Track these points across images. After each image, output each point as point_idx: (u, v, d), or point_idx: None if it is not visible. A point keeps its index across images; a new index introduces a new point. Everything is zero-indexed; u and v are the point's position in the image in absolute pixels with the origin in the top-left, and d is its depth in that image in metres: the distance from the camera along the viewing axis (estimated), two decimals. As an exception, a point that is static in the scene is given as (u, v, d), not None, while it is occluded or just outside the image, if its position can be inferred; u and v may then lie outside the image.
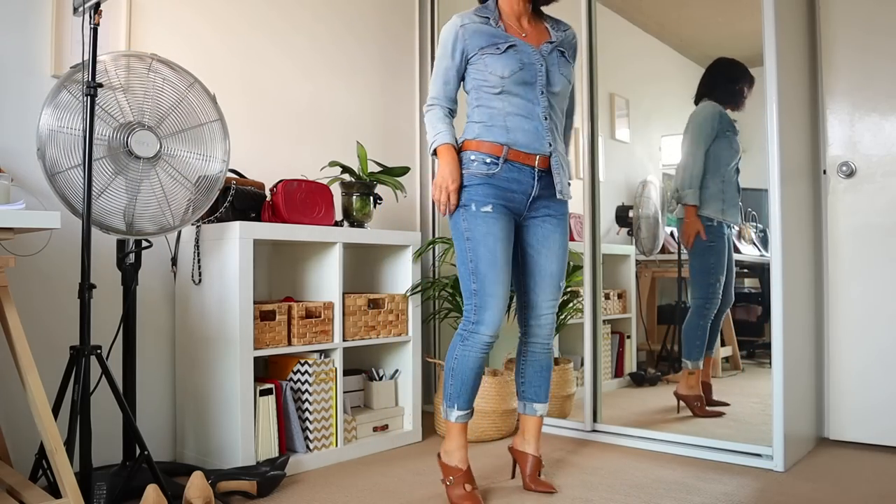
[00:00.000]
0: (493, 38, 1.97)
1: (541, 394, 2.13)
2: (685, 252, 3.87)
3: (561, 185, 2.01)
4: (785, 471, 2.28)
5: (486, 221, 1.93)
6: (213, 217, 2.32)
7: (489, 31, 1.97)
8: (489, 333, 1.94)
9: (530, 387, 2.13)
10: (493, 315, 1.93)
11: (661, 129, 4.13)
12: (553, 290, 2.08)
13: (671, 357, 3.81)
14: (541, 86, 1.98)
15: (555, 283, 2.07)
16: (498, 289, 1.93)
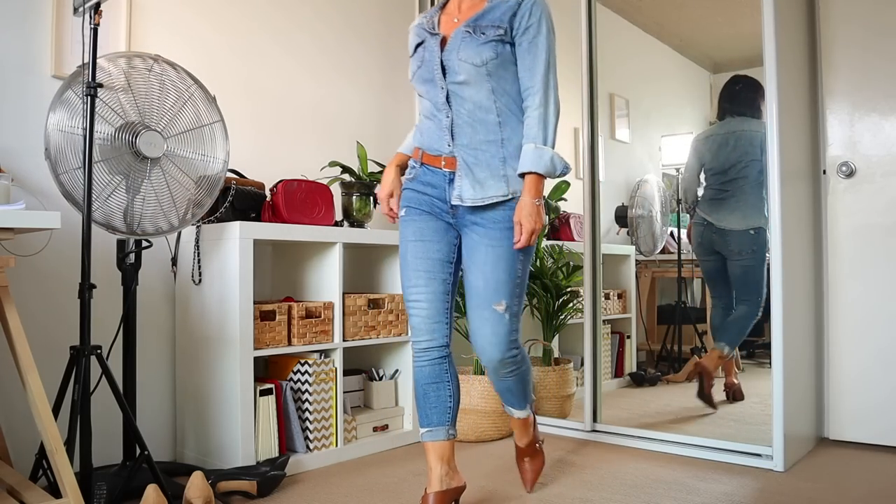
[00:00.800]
0: (417, 36, 1.83)
1: (513, 401, 1.97)
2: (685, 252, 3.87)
3: (460, 190, 1.75)
4: (785, 471, 2.28)
5: (403, 225, 1.85)
6: (213, 217, 2.32)
7: (421, 28, 1.83)
8: (419, 340, 1.80)
9: (499, 395, 1.99)
10: (417, 321, 1.80)
11: (661, 129, 4.14)
12: (480, 309, 1.77)
13: (671, 357, 3.82)
14: (438, 80, 1.75)
15: (480, 300, 1.76)
16: (415, 292, 1.79)
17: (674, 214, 3.97)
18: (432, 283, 1.79)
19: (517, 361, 1.83)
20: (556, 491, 2.12)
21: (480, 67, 1.70)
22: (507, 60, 1.73)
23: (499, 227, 1.75)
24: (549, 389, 2.97)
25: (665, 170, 4.06)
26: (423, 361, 1.82)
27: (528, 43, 1.71)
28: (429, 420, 1.82)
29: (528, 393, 1.97)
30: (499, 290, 1.74)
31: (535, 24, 1.70)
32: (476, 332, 1.78)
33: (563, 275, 3.05)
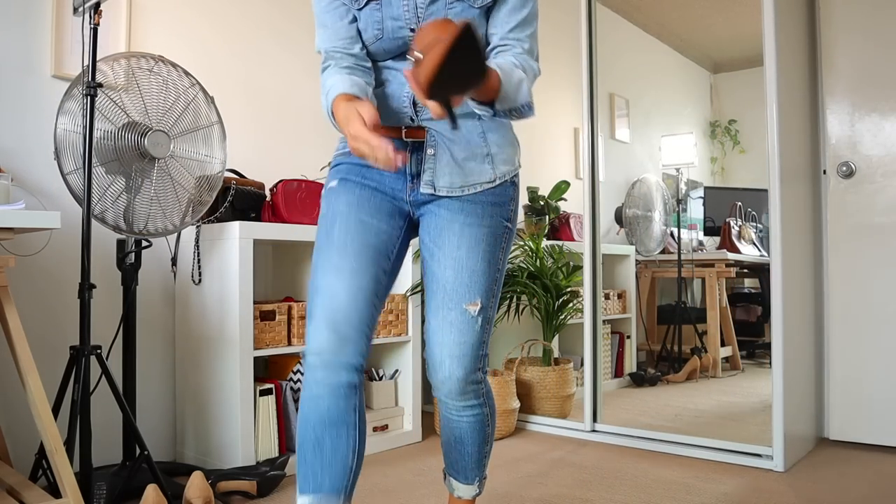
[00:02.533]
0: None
1: (459, 469, 1.46)
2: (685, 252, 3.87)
3: (433, 175, 1.31)
4: (785, 471, 2.28)
5: (331, 197, 1.31)
6: (213, 217, 2.32)
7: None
8: (316, 351, 1.20)
9: (446, 457, 1.48)
10: (324, 322, 1.20)
11: (661, 129, 4.14)
12: (445, 310, 1.30)
13: (671, 357, 3.82)
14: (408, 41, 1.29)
15: (448, 297, 1.30)
16: (333, 280, 1.23)
17: (674, 214, 3.97)
18: (360, 275, 1.24)
19: (479, 394, 1.37)
20: (556, 491, 2.12)
21: None
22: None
23: (481, 202, 1.32)
24: (548, 389, 2.97)
25: (665, 170, 4.06)
26: (322, 388, 1.19)
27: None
28: (316, 483, 1.18)
29: (484, 457, 1.46)
30: (474, 283, 1.30)
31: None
32: (435, 339, 1.31)
33: (563, 275, 3.05)
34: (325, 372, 1.19)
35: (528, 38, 1.30)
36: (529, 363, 3.05)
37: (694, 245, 4.03)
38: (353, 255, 1.25)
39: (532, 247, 3.08)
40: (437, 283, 1.31)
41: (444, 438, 1.45)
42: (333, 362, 1.19)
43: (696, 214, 4.06)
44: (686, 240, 3.95)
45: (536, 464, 2.42)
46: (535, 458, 2.51)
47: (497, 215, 1.33)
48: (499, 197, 1.33)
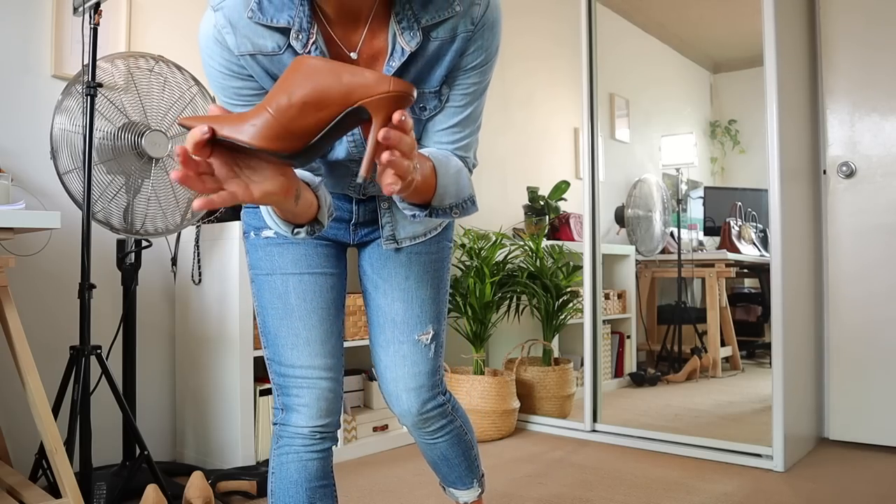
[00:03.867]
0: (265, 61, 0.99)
1: (453, 480, 1.43)
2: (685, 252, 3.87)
3: (393, 228, 1.20)
4: (785, 471, 2.28)
5: (267, 253, 1.18)
6: (213, 217, 2.32)
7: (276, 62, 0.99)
8: (306, 424, 1.16)
9: (436, 472, 1.45)
10: (306, 397, 1.16)
11: (661, 129, 4.14)
12: (396, 343, 1.23)
13: (671, 357, 3.82)
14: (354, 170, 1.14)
15: (398, 331, 1.23)
16: (301, 354, 1.16)
17: (674, 214, 3.97)
18: (328, 341, 1.18)
19: (446, 413, 1.31)
20: (556, 491, 2.12)
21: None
22: None
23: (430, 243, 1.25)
24: (549, 389, 2.97)
25: (665, 170, 4.06)
26: (311, 452, 1.18)
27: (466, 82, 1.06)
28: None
29: (474, 461, 1.42)
30: (424, 313, 1.23)
31: (484, 60, 1.05)
32: (388, 373, 1.25)
33: (563, 275, 3.05)
34: (314, 439, 1.18)
35: (472, 134, 1.12)
36: (529, 363, 3.05)
37: (694, 245, 4.03)
38: (317, 321, 1.18)
39: (532, 247, 3.08)
40: (386, 317, 1.24)
41: (428, 459, 1.41)
42: (325, 430, 1.18)
43: (696, 214, 4.06)
44: (686, 240, 3.95)
45: (536, 464, 2.42)
46: (535, 458, 2.51)
47: (442, 239, 1.27)
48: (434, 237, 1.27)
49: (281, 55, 0.96)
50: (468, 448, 1.39)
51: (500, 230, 3.27)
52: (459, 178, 1.05)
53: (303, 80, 0.78)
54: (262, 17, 0.93)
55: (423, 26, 0.97)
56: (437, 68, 1.03)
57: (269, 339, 1.19)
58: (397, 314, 1.23)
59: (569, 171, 4.05)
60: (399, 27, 0.96)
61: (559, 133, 4.03)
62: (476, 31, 1.01)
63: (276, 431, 1.20)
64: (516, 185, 3.62)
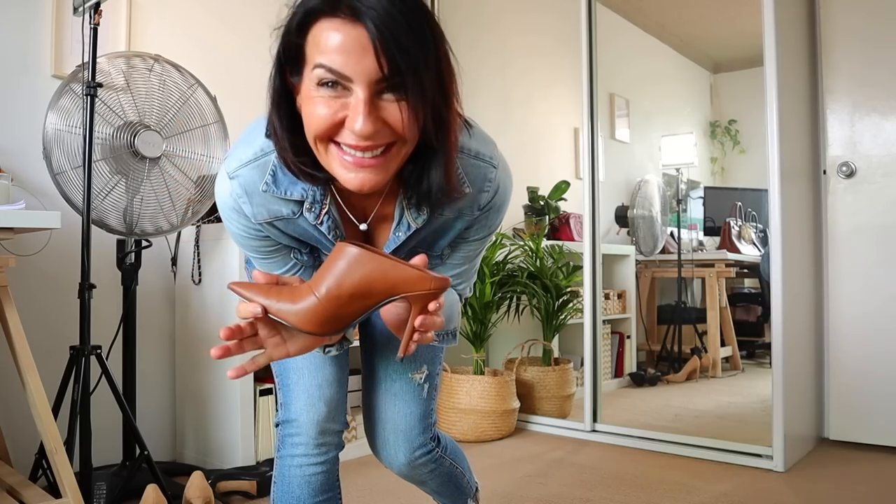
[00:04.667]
0: (303, 242, 1.06)
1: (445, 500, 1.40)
2: (685, 252, 3.87)
3: None
4: (785, 471, 2.28)
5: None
6: (213, 217, 2.32)
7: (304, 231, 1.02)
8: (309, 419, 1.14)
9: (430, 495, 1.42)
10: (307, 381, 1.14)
11: (661, 129, 4.14)
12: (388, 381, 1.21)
13: (671, 357, 3.82)
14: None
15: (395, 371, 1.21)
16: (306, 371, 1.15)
17: (674, 214, 3.97)
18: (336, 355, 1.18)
19: (435, 458, 1.25)
20: (556, 491, 2.12)
21: None
22: None
23: None
24: (549, 389, 2.97)
25: (665, 170, 4.06)
26: (313, 463, 1.14)
27: (471, 245, 1.10)
28: None
29: (465, 486, 1.38)
30: (420, 351, 1.19)
31: (489, 232, 1.10)
32: (377, 415, 1.22)
33: (563, 275, 3.05)
34: (318, 447, 1.15)
35: (473, 273, 1.16)
36: (529, 363, 3.05)
37: (694, 245, 4.03)
38: None
39: (532, 247, 3.08)
40: (379, 354, 1.22)
41: (431, 492, 1.37)
42: (327, 440, 1.15)
43: (696, 214, 4.06)
44: (686, 240, 3.95)
45: (536, 464, 2.42)
46: (535, 458, 2.50)
47: None
48: None
49: (297, 219, 0.98)
50: (459, 479, 1.34)
51: (500, 230, 3.27)
52: (452, 311, 1.08)
53: (350, 272, 0.82)
54: (276, 191, 0.94)
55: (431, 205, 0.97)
56: (441, 240, 1.05)
57: None
58: (391, 352, 1.19)
59: (569, 171, 4.05)
60: (408, 204, 0.97)
61: (559, 133, 4.03)
62: (482, 214, 1.03)
63: (279, 434, 1.16)
64: (516, 185, 3.61)
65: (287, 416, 1.15)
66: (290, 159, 0.89)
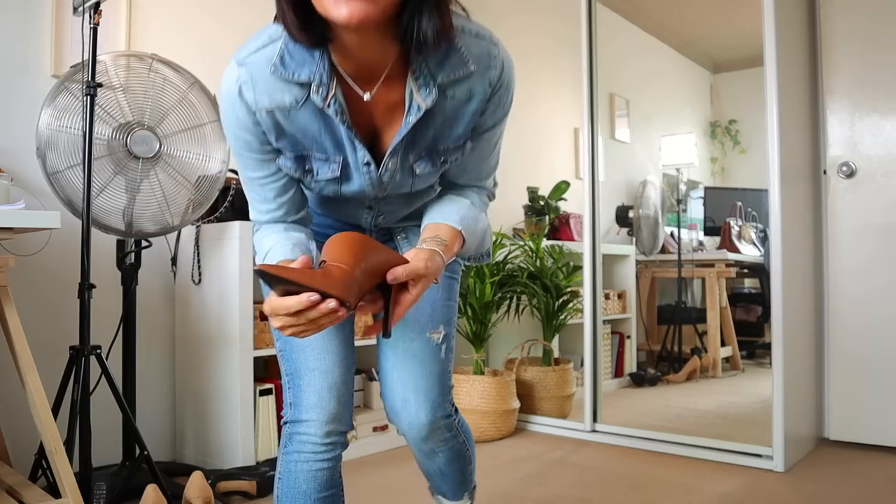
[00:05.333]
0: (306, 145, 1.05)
1: (445, 490, 1.39)
2: (685, 252, 3.87)
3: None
4: (785, 471, 2.28)
5: None
6: (213, 217, 2.31)
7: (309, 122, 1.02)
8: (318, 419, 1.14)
9: (428, 480, 1.42)
10: (316, 395, 1.14)
11: (661, 129, 4.14)
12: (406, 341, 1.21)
13: (671, 357, 3.82)
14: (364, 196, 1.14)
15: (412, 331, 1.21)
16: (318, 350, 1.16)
17: (673, 214, 3.97)
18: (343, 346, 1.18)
19: (452, 427, 1.28)
20: (556, 491, 2.12)
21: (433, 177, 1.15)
22: None
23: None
24: (549, 389, 2.97)
25: (665, 170, 4.06)
26: (320, 459, 1.15)
27: (485, 136, 1.11)
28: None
29: (469, 475, 1.38)
30: (436, 312, 1.20)
31: (502, 117, 1.11)
32: (396, 375, 1.21)
33: (563, 275, 3.05)
34: (326, 446, 1.15)
35: (493, 169, 1.19)
36: (529, 363, 3.05)
37: (694, 245, 4.03)
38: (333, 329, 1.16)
39: (532, 247, 3.08)
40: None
41: (422, 468, 1.37)
42: (334, 432, 1.15)
43: (696, 214, 4.06)
44: (686, 240, 3.95)
45: (536, 464, 2.42)
46: (535, 458, 2.51)
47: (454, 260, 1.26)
48: None
49: (298, 109, 0.99)
50: (466, 464, 1.36)
51: (500, 230, 3.27)
52: (484, 238, 1.16)
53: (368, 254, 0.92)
54: (284, 72, 0.96)
55: (440, 84, 0.99)
56: (456, 126, 1.05)
57: (290, 349, 1.18)
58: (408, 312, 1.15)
59: (569, 171, 4.05)
60: (416, 84, 0.98)
61: (559, 133, 4.03)
62: (494, 94, 1.04)
63: (285, 432, 1.17)
64: (516, 185, 3.62)
65: (297, 416, 1.15)
66: (290, 19, 0.91)
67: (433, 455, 1.31)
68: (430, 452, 1.30)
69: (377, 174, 1.07)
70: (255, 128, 1.01)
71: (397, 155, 1.05)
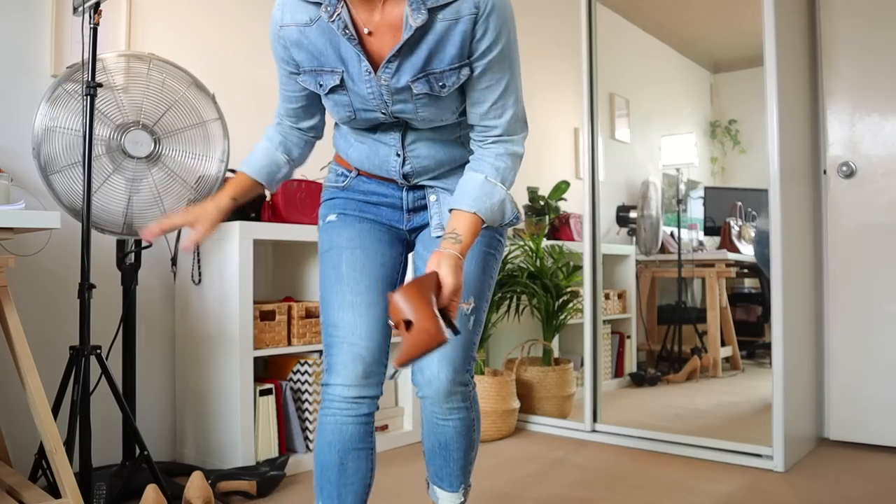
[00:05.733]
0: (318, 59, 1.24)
1: (443, 476, 1.43)
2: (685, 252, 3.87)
3: (440, 219, 1.35)
4: (785, 471, 2.28)
5: (330, 231, 1.38)
6: (213, 217, 2.31)
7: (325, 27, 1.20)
8: (343, 383, 1.26)
9: (429, 464, 1.45)
10: (347, 356, 1.26)
11: (661, 130, 4.14)
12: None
13: (671, 357, 3.82)
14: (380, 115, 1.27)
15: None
16: (346, 315, 1.28)
17: (673, 214, 3.97)
18: (374, 307, 1.30)
19: (466, 397, 1.37)
20: (556, 491, 2.12)
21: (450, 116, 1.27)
22: None
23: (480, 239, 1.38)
24: (549, 389, 2.97)
25: (665, 170, 4.06)
26: (347, 416, 1.27)
27: (485, 65, 1.20)
28: (340, 500, 1.28)
29: (469, 465, 1.44)
30: (468, 284, 1.32)
31: (495, 42, 1.19)
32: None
33: (563, 275, 3.05)
34: (351, 404, 1.27)
35: (510, 110, 1.26)
36: (529, 363, 3.05)
37: (694, 245, 4.03)
38: (364, 289, 1.31)
39: (532, 247, 3.08)
40: None
41: (428, 445, 1.43)
42: (359, 396, 1.27)
43: (696, 214, 4.06)
44: (686, 240, 3.95)
45: (536, 464, 2.42)
46: (535, 458, 2.51)
47: (493, 231, 1.37)
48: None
49: (311, 27, 1.21)
50: (471, 446, 1.42)
51: (500, 230, 3.27)
52: (503, 209, 1.26)
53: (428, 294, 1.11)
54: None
55: (430, 7, 1.13)
56: (447, 47, 1.17)
57: (323, 304, 1.33)
58: None
59: (569, 171, 4.05)
60: (410, 8, 1.14)
61: (559, 133, 4.03)
62: (479, 16, 1.16)
63: (322, 395, 1.30)
64: (516, 185, 3.62)
65: (327, 380, 1.28)
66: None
67: (444, 423, 1.38)
68: (442, 419, 1.37)
69: (377, 83, 1.21)
70: (282, 39, 1.25)
71: (394, 66, 1.19)
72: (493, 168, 1.25)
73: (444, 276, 1.12)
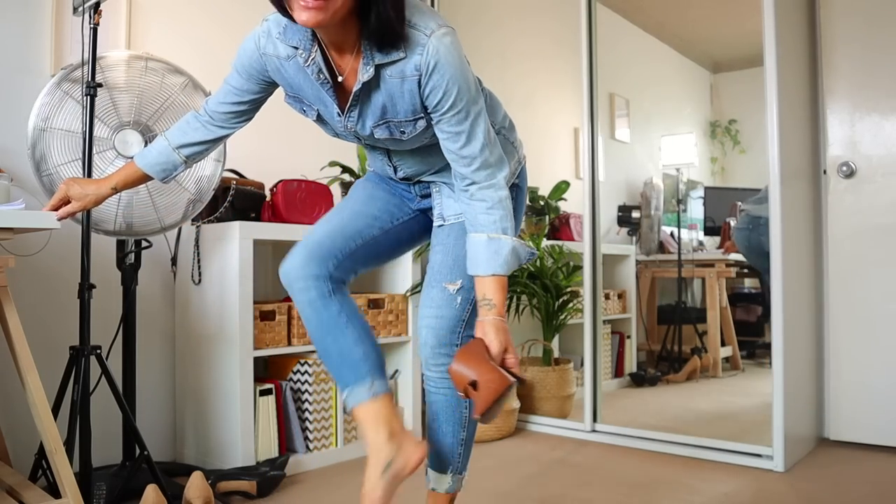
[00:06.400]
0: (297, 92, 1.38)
1: (434, 453, 1.48)
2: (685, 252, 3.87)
3: (441, 209, 1.49)
4: (785, 471, 2.28)
5: (356, 188, 1.58)
6: (213, 217, 2.32)
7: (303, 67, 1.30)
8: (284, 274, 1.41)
9: (430, 436, 1.50)
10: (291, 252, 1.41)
11: (661, 130, 4.14)
12: (429, 289, 1.44)
13: (671, 357, 3.82)
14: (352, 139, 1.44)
15: (432, 279, 1.45)
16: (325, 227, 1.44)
17: (673, 214, 3.97)
18: (346, 222, 1.44)
19: None
20: (556, 491, 2.12)
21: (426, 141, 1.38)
22: None
23: None
24: (549, 389, 2.97)
25: (665, 170, 4.06)
26: (303, 305, 1.38)
27: (440, 117, 1.28)
28: (343, 381, 1.38)
29: (459, 447, 1.49)
30: (457, 267, 1.40)
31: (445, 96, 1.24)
32: (420, 312, 1.45)
33: (563, 275, 3.04)
34: (298, 291, 1.38)
35: (478, 159, 1.31)
36: (529, 363, 3.05)
37: (694, 245, 4.03)
38: (348, 214, 1.47)
39: (532, 247, 3.08)
40: (430, 267, 1.47)
41: (428, 422, 1.51)
42: (300, 280, 1.37)
43: (696, 214, 4.06)
44: (686, 240, 3.95)
45: (536, 464, 2.42)
46: (535, 458, 2.51)
47: None
48: None
49: (289, 62, 1.31)
50: (461, 425, 1.47)
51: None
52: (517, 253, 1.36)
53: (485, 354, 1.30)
54: (284, 37, 1.29)
55: (376, 64, 1.23)
56: (399, 101, 1.28)
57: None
58: (435, 263, 1.46)
59: (569, 171, 4.05)
60: (361, 63, 1.25)
61: (559, 133, 4.03)
62: (423, 76, 1.23)
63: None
64: (516, 185, 3.61)
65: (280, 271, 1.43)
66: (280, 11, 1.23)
67: (436, 391, 1.45)
68: (434, 386, 1.45)
69: (344, 125, 1.35)
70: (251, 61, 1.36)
71: (354, 114, 1.32)
72: (490, 223, 1.33)
73: (489, 341, 1.28)
